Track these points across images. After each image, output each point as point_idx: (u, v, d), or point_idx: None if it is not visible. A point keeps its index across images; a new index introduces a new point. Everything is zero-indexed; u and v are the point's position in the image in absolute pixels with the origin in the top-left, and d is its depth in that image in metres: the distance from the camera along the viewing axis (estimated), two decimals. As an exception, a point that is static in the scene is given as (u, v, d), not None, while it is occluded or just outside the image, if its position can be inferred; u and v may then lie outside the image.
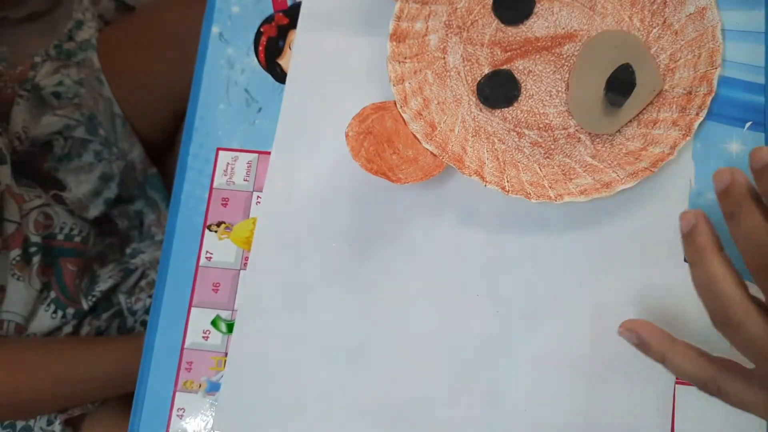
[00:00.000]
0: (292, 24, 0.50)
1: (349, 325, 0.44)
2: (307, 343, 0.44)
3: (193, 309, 0.46)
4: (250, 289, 0.46)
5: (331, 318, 0.45)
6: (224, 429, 0.44)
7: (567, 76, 0.45)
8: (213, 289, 0.46)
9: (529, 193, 0.42)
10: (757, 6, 0.44)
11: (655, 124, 0.43)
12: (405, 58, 0.45)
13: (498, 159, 0.44)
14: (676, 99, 0.42)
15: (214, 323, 0.46)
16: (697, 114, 0.41)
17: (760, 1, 0.44)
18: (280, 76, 0.49)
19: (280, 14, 0.50)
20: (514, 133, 0.45)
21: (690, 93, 0.42)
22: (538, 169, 0.44)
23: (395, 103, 0.45)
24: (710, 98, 0.41)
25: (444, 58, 0.46)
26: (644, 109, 0.43)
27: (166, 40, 0.70)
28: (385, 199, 0.46)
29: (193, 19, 0.53)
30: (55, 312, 0.60)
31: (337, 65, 0.48)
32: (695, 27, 0.43)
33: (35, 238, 0.59)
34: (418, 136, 0.44)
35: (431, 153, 0.44)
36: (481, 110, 0.46)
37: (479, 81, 0.46)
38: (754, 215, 0.31)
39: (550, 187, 0.43)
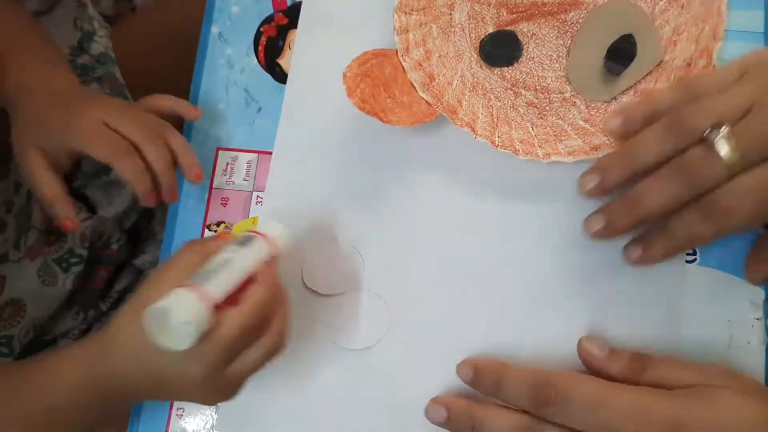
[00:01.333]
0: (292, 24, 0.49)
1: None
2: (309, 342, 0.44)
3: None
4: None
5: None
6: (226, 429, 0.43)
7: (569, 42, 0.45)
8: None
9: (518, 150, 0.42)
10: (756, 6, 0.44)
11: (650, 94, 0.42)
12: (412, 10, 0.46)
13: (492, 115, 0.44)
14: (675, 71, 0.42)
15: None
16: (694, 85, 0.41)
17: (760, 1, 0.44)
18: (279, 76, 0.49)
19: (280, 14, 0.50)
20: (511, 92, 0.45)
21: (690, 65, 0.42)
22: (530, 128, 0.44)
23: (396, 52, 0.45)
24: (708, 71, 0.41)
25: (450, 14, 0.47)
26: (642, 79, 0.43)
27: (169, 40, 0.68)
28: (387, 197, 0.45)
29: (196, 18, 0.52)
30: (77, 313, 0.59)
31: (338, 64, 0.45)
32: (702, 1, 0.43)
33: (80, 251, 0.57)
34: (415, 84, 0.44)
35: (426, 102, 0.44)
36: (481, 67, 0.46)
37: (482, 39, 0.46)
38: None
39: (540, 146, 0.43)
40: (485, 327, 0.42)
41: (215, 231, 0.47)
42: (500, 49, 0.46)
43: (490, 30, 0.46)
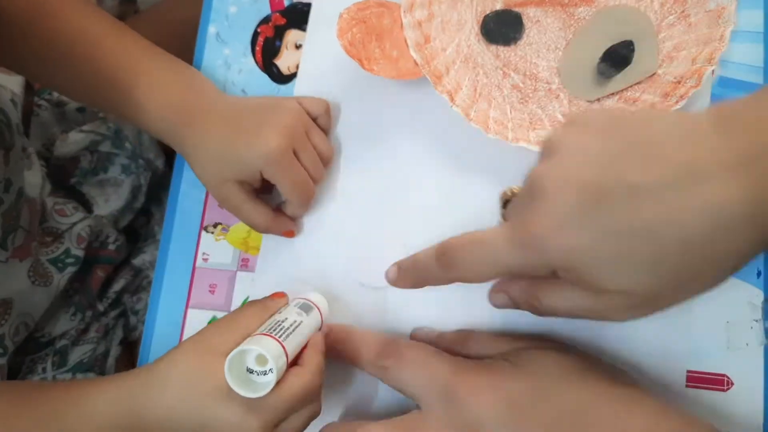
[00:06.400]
0: (289, 24, 0.49)
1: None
2: None
3: (190, 310, 0.46)
4: (258, 289, 0.45)
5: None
6: None
7: (570, 36, 0.45)
8: (210, 291, 0.46)
9: (489, 128, 0.42)
10: (756, 6, 0.43)
11: (634, 102, 0.42)
12: (427, -31, 0.46)
13: (475, 90, 0.44)
14: (663, 85, 0.42)
15: None
16: (677, 102, 0.40)
17: (759, 0, 0.43)
18: (277, 76, 0.48)
19: (277, 14, 0.49)
20: (500, 72, 0.45)
21: (679, 83, 0.41)
22: (509, 111, 0.44)
23: (399, 6, 0.45)
24: (693, 90, 0.40)
25: (463, -18, 0.47)
26: (630, 87, 0.43)
27: (171, 40, 0.60)
28: (389, 200, 0.45)
29: (198, 19, 0.51)
30: (74, 314, 0.58)
31: (345, 64, 0.45)
32: (709, 24, 0.42)
33: (76, 251, 0.56)
34: (409, 42, 0.45)
35: (414, 62, 0.44)
36: (478, 41, 0.46)
37: (487, 14, 0.46)
38: None
39: (512, 130, 0.43)
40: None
41: (212, 232, 0.47)
42: (502, 28, 0.45)
43: (498, 7, 0.46)
